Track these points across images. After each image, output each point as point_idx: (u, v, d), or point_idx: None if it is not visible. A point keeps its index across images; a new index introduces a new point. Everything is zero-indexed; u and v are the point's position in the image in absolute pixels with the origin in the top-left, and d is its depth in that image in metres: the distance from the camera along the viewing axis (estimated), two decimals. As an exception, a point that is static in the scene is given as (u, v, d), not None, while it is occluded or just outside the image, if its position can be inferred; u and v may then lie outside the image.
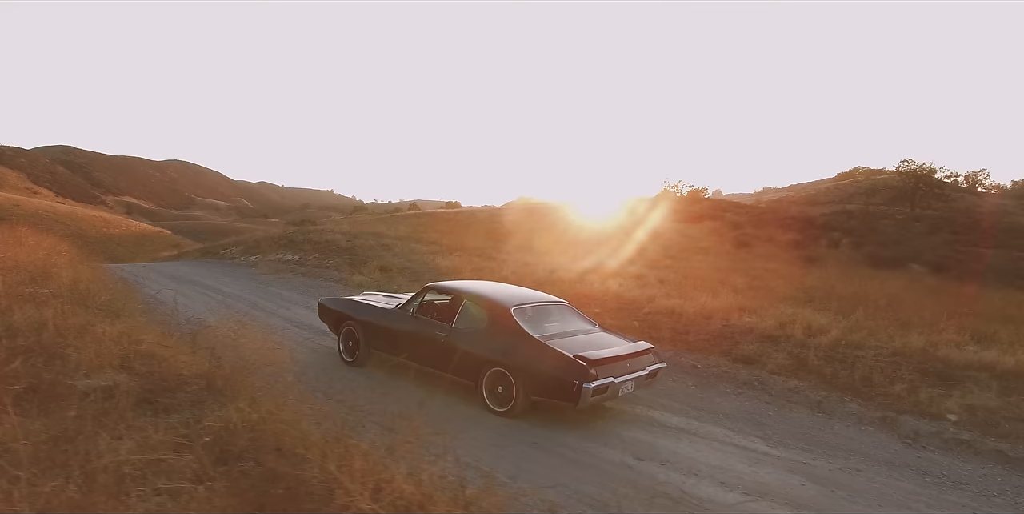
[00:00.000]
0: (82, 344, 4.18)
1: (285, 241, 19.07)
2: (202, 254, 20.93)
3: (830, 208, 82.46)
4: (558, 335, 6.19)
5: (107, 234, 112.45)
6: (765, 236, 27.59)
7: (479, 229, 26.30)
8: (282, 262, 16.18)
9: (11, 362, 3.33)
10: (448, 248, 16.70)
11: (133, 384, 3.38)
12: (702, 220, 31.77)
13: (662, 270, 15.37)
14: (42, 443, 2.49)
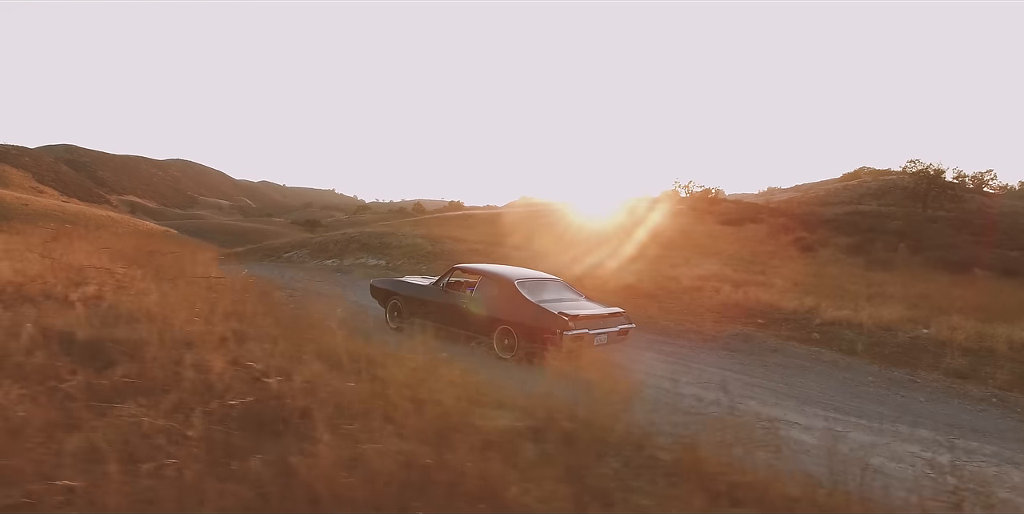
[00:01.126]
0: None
1: (358, 245, 18.40)
2: (263, 257, 20.18)
3: (842, 209, 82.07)
4: (550, 301, 7.93)
5: (114, 234, 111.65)
6: (821, 240, 26.94)
7: (538, 232, 25.46)
8: (368, 267, 15.50)
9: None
10: (539, 253, 15.98)
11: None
12: (743, 222, 31.04)
13: (766, 275, 14.70)
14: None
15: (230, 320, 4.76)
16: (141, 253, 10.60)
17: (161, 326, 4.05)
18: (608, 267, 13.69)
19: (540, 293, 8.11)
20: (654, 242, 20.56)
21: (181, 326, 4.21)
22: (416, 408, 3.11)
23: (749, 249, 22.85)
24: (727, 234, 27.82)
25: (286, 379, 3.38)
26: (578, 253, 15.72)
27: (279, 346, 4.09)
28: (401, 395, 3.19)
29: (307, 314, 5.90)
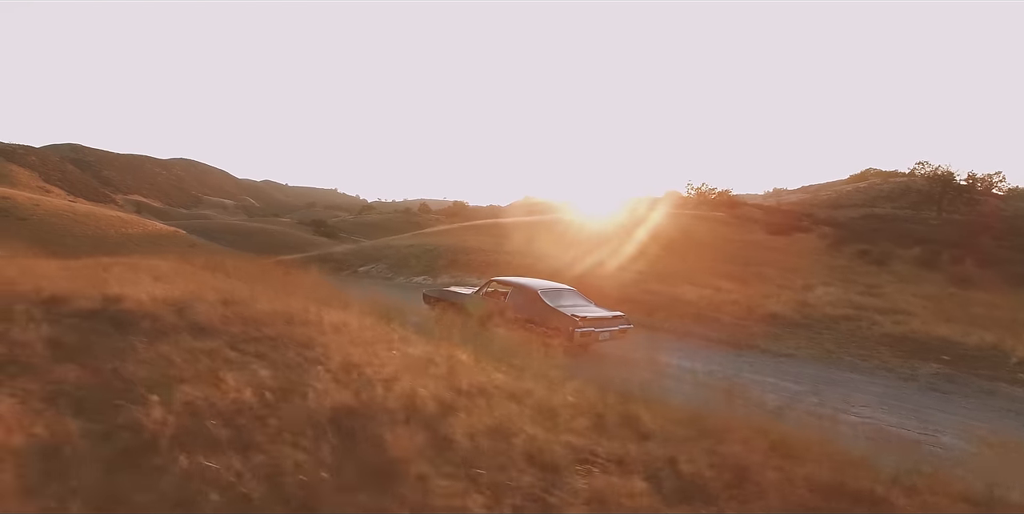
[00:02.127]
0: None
1: (445, 260, 18.19)
2: (333, 270, 19.85)
3: (856, 212, 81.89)
4: (566, 306, 10.03)
5: (126, 234, 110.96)
6: (885, 251, 26.26)
7: (581, 241, 24.98)
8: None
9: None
10: (656, 275, 15.51)
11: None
12: (789, 231, 30.14)
13: (884, 298, 14.27)
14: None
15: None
16: (268, 275, 10.43)
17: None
18: (719, 292, 13.38)
19: (558, 300, 10.27)
20: (714, 256, 20.13)
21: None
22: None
23: (822, 264, 21.70)
24: (781, 246, 26.47)
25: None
26: (667, 273, 15.35)
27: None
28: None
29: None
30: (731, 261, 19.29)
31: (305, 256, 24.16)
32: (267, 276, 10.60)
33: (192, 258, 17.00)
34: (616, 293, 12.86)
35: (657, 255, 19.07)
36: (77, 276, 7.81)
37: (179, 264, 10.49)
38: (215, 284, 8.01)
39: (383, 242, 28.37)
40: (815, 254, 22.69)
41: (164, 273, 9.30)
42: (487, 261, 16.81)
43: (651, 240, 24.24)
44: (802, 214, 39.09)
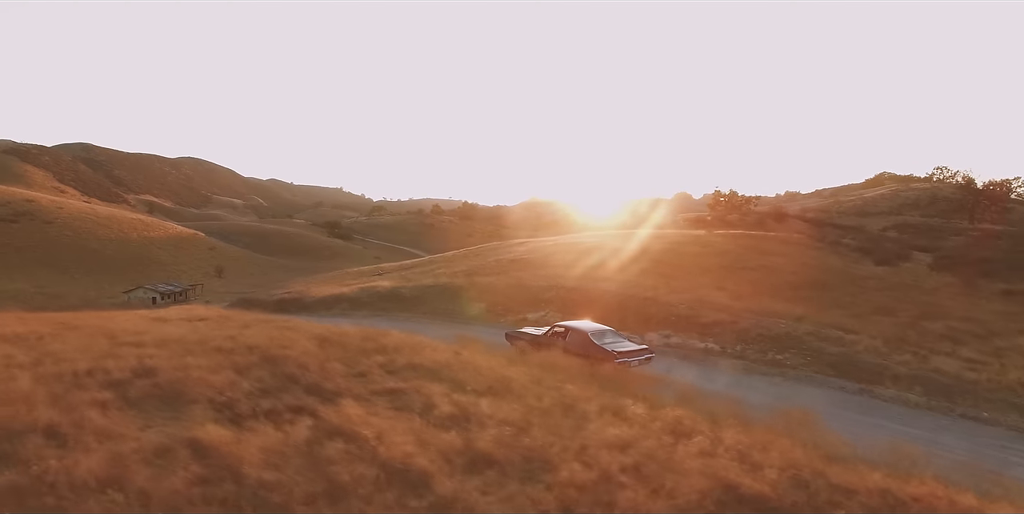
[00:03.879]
0: None
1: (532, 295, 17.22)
2: (406, 308, 19.34)
3: (885, 220, 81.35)
4: (608, 342, 13.22)
5: (148, 237, 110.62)
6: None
7: (652, 265, 24.39)
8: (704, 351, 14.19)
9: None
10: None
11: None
12: (891, 260, 27.48)
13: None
14: None
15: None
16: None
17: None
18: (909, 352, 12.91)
19: (602, 339, 13.59)
20: (850, 302, 18.87)
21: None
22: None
23: (987, 313, 18.56)
24: (906, 283, 22.43)
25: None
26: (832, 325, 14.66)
27: None
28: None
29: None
30: (884, 312, 17.38)
31: (357, 288, 23.71)
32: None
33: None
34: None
35: (754, 289, 18.42)
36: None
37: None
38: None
39: (456, 271, 27.67)
40: (955, 295, 20.69)
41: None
42: (590, 298, 16.48)
43: (725, 270, 23.71)
44: (882, 234, 37.08)
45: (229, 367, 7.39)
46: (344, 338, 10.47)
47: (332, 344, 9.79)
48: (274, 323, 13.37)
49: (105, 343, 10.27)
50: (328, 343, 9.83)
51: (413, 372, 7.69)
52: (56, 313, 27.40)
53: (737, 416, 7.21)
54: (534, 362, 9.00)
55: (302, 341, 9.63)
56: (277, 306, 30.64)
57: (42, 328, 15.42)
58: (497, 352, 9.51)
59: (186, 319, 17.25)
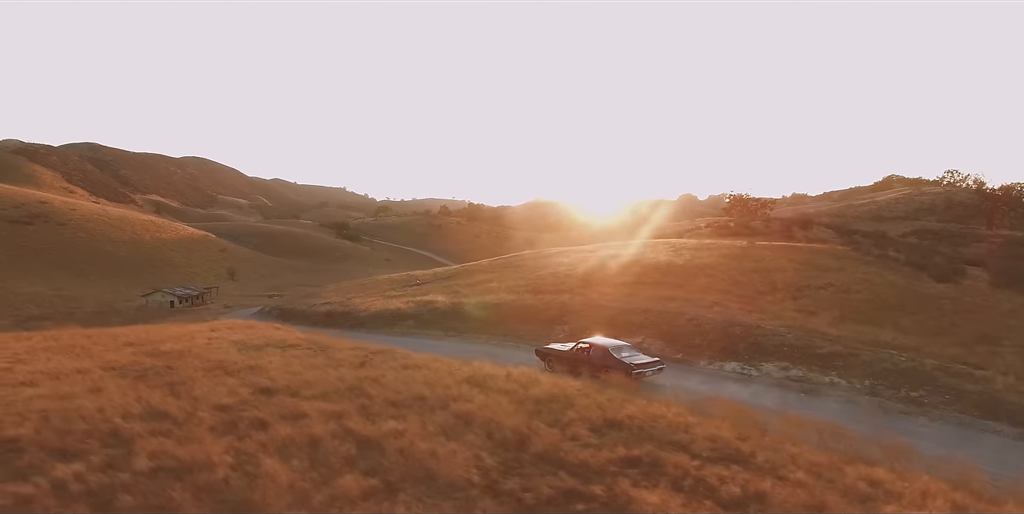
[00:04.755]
0: None
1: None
2: (480, 329, 18.92)
3: (903, 225, 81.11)
4: (625, 356, 14.95)
5: (160, 239, 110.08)
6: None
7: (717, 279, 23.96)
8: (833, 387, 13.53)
9: None
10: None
11: None
12: (949, 276, 26.23)
13: None
14: None
15: None
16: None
17: None
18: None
19: (620, 353, 15.35)
20: (935, 329, 17.75)
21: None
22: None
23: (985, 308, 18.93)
24: (981, 304, 20.64)
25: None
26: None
27: None
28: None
29: None
30: (989, 340, 16.35)
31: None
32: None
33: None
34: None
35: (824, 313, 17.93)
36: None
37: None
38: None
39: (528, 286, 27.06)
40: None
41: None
42: (687, 325, 15.95)
43: (795, 289, 23.29)
44: (930, 247, 35.30)
45: (439, 431, 7.03)
46: (494, 380, 10.09)
47: (492, 391, 9.43)
48: (394, 357, 12.94)
49: (246, 391, 9.84)
50: (487, 390, 9.46)
51: (622, 433, 7.35)
52: (112, 328, 26.94)
53: (953, 477, 6.89)
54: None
55: (467, 390, 9.28)
56: (325, 319, 30.19)
57: (134, 356, 15.03)
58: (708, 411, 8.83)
59: (271, 345, 16.81)
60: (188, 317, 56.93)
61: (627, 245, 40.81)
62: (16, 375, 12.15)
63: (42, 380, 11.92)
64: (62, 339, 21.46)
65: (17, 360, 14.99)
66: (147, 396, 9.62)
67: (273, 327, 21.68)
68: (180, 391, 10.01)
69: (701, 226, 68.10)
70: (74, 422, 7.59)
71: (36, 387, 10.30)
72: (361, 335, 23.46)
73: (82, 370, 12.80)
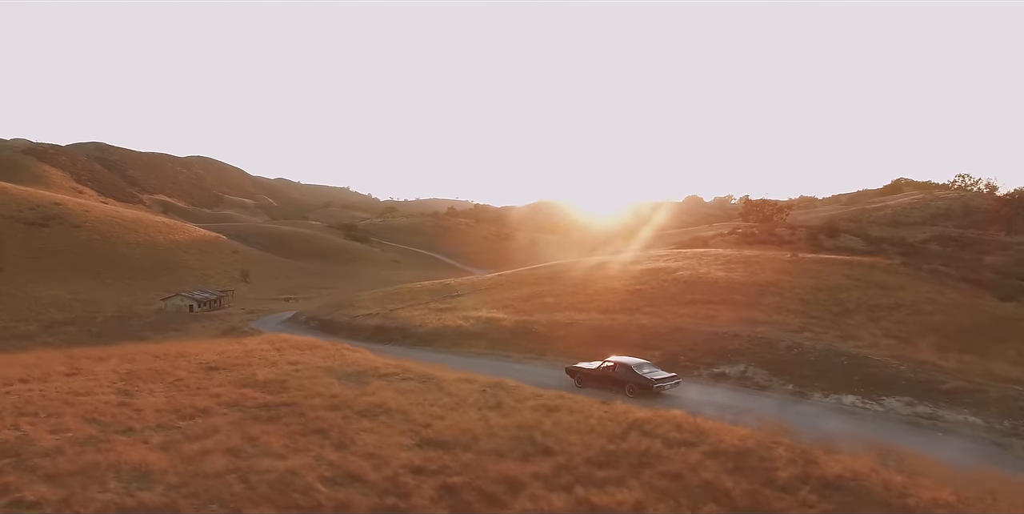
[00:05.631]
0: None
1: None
2: (563, 352, 18.43)
3: (921, 231, 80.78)
4: (646, 373, 16.47)
5: (174, 241, 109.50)
6: None
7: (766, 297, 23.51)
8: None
9: None
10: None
11: None
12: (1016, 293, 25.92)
13: None
14: None
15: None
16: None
17: None
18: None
19: (642, 370, 16.72)
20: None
21: None
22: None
23: None
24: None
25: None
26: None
27: None
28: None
29: None
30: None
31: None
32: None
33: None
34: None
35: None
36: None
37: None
38: None
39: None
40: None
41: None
42: (789, 354, 15.34)
43: (870, 309, 22.86)
44: (977, 261, 34.33)
45: (677, 501, 6.68)
46: (661, 427, 9.71)
47: (679, 445, 9.06)
48: (520, 394, 12.48)
49: (409, 441, 9.38)
50: (674, 444, 9.09)
51: (843, 495, 7.01)
52: (163, 344, 26.44)
53: None
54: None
55: (648, 443, 8.93)
56: (378, 334, 29.74)
57: (237, 388, 14.58)
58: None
59: (365, 373, 16.40)
60: (216, 324, 56.41)
61: (670, 255, 40.35)
62: (145, 417, 11.76)
63: (176, 421, 11.55)
64: (136, 360, 21.13)
65: (122, 392, 14.59)
66: (322, 452, 9.16)
67: (345, 348, 21.28)
68: (343, 442, 9.63)
69: (725, 232, 67.72)
70: (286, 493, 7.19)
71: (201, 440, 9.64)
72: (429, 355, 23.08)
73: (203, 409, 12.42)
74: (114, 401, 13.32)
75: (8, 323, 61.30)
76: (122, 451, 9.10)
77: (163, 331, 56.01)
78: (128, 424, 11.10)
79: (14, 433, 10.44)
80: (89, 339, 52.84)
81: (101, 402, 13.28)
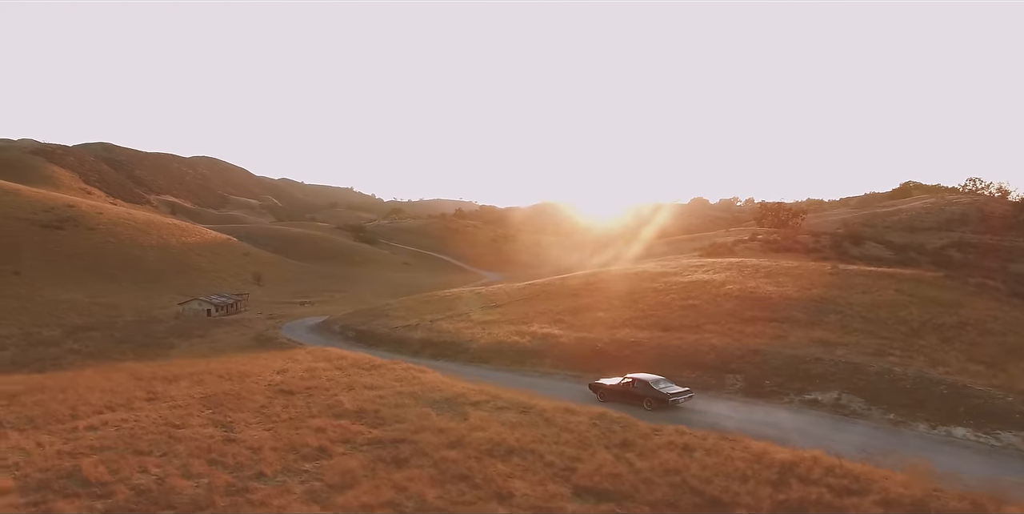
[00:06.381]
0: None
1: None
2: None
3: (938, 237, 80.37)
4: (662, 388, 17.98)
5: (186, 243, 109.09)
6: None
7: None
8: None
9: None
10: None
11: None
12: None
13: None
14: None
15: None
16: None
17: None
18: None
19: (658, 385, 18.04)
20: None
21: None
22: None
23: None
24: None
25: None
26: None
27: None
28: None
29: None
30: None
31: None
32: None
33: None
34: None
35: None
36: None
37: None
38: None
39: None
40: None
41: None
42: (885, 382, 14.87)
43: (937, 328, 22.39)
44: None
45: None
46: (810, 470, 9.34)
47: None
48: (636, 430, 12.12)
49: (586, 508, 8.89)
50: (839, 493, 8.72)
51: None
52: (207, 360, 25.94)
53: None
54: None
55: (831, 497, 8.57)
56: (426, 349, 29.31)
57: (336, 422, 14.09)
58: None
59: (454, 400, 15.97)
60: (241, 331, 55.89)
61: (707, 265, 39.87)
62: (265, 458, 11.37)
63: (300, 463, 11.18)
64: (205, 382, 20.72)
65: (218, 423, 14.20)
66: (487, 506, 8.64)
67: (412, 368, 20.92)
68: (499, 492, 9.13)
69: (745, 239, 67.33)
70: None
71: (348, 491, 9.07)
72: (494, 374, 22.74)
73: (319, 448, 12.02)
74: (218, 436, 12.98)
75: (31, 328, 60.92)
76: (278, 505, 8.78)
77: (187, 337, 55.59)
78: (254, 467, 10.77)
79: (148, 477, 10.13)
80: (115, 346, 52.53)
81: (205, 436, 12.94)
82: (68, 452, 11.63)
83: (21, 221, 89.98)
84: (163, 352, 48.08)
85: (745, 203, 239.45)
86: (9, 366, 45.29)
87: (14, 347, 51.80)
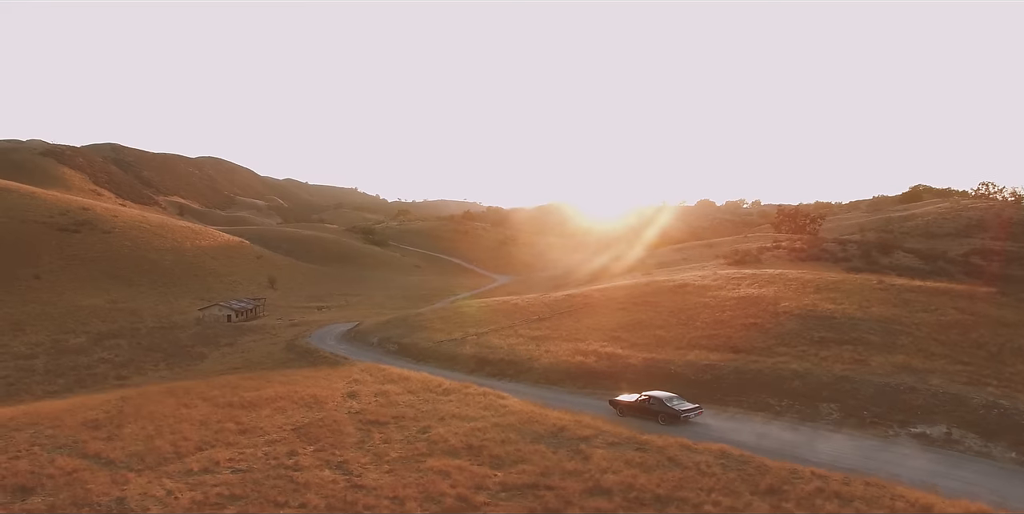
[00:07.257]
0: None
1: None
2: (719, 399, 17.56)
3: (958, 243, 79.87)
4: (675, 404, 19.88)
5: (200, 246, 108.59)
6: None
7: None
8: None
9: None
10: None
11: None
12: None
13: None
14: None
15: None
16: None
17: None
18: None
19: (671, 402, 19.74)
20: None
21: None
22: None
23: None
24: None
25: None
26: None
27: None
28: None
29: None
30: None
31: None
32: None
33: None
34: None
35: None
36: None
37: None
38: None
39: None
40: None
41: None
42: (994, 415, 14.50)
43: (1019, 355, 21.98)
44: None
45: None
46: None
47: None
48: (819, 483, 11.53)
49: None
50: None
51: None
52: (303, 388, 25.23)
53: None
54: None
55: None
56: (481, 367, 28.82)
57: (456, 475, 13.22)
58: None
59: (564, 435, 15.51)
60: (267, 339, 55.04)
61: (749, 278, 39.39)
62: (409, 510, 11.03)
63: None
64: (285, 410, 20.18)
65: (333, 465, 13.77)
66: None
67: (489, 393, 20.53)
68: None
69: (769, 246, 66.90)
70: None
71: None
72: (568, 398, 22.45)
73: (459, 497, 11.67)
74: (341, 481, 12.58)
75: (57, 335, 60.46)
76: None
77: (215, 346, 55.07)
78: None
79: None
80: (144, 354, 52.08)
81: (328, 481, 12.54)
82: (203, 502, 11.23)
83: (39, 224, 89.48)
84: (194, 363, 47.65)
85: (752, 205, 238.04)
86: (44, 375, 45.05)
87: (44, 355, 51.43)
